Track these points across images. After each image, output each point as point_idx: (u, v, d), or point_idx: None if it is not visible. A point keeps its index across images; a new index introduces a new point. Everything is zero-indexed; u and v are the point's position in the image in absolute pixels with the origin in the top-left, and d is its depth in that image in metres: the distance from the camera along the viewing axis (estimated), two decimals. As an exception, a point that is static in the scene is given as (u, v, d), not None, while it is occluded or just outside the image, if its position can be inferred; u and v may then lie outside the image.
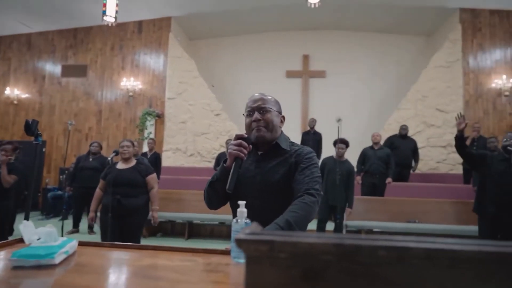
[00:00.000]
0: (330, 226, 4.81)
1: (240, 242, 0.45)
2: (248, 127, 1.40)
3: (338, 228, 4.56)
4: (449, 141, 7.60)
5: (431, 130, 7.76)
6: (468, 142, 6.62)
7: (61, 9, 8.00)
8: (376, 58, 9.18)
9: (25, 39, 9.24)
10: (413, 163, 6.68)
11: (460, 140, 3.39)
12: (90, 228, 5.76)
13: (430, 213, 5.44)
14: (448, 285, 0.42)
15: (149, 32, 8.78)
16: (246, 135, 1.32)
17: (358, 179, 5.64)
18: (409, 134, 7.85)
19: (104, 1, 5.51)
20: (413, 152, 6.61)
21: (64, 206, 5.12)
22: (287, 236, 0.45)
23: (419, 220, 5.41)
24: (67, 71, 8.97)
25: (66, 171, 5.80)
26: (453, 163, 7.58)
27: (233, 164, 1.25)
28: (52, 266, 0.77)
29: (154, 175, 3.54)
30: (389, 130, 7.57)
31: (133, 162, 3.47)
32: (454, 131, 7.98)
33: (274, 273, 0.45)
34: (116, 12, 5.61)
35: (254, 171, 1.36)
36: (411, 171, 6.77)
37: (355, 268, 0.44)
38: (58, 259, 0.79)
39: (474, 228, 3.92)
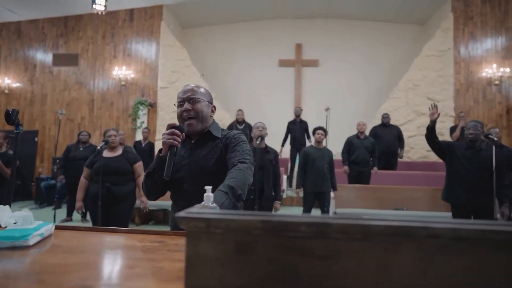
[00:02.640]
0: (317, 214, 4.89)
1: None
2: (180, 117, 1.46)
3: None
4: (439, 129, 7.67)
5: (422, 119, 7.83)
6: (458, 132, 6.71)
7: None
8: (370, 47, 9.18)
9: (15, 27, 9.12)
10: (399, 150, 6.74)
11: (432, 130, 3.52)
12: (83, 217, 5.82)
13: (418, 200, 5.55)
14: (362, 256, 0.48)
15: (141, 20, 8.70)
16: (178, 124, 1.39)
17: (346, 169, 5.69)
18: (400, 123, 7.94)
19: (93, -11, 5.46)
20: (398, 139, 6.67)
21: (56, 195, 5.15)
22: (222, 214, 0.50)
23: (408, 207, 5.52)
24: (58, 59, 8.89)
25: (57, 160, 5.81)
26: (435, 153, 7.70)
27: (168, 153, 1.32)
28: (27, 247, 0.83)
29: (141, 163, 3.62)
30: (380, 119, 7.62)
31: (119, 151, 3.52)
32: (445, 120, 8.07)
33: (211, 247, 0.50)
34: (106, 0, 5.56)
35: (188, 158, 1.45)
36: (399, 158, 6.83)
37: (281, 242, 0.49)
38: (32, 240, 0.84)
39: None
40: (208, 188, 0.96)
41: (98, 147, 3.47)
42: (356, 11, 8.90)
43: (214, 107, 1.57)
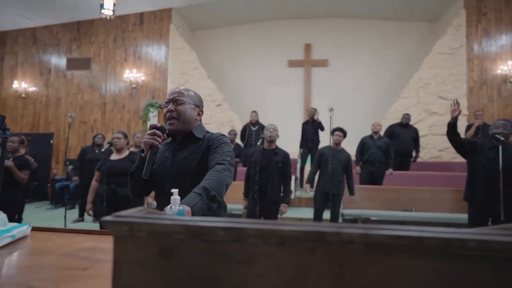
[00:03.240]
0: (328, 215, 4.83)
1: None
2: (164, 117, 1.51)
3: (334, 217, 4.61)
4: (451, 129, 7.52)
5: (434, 118, 7.68)
6: (473, 130, 6.55)
7: (63, 2, 8.10)
8: (379, 46, 9.06)
9: (31, 33, 9.41)
10: (414, 153, 6.61)
11: (453, 127, 3.38)
12: (95, 217, 5.97)
13: (427, 201, 5.43)
14: (279, 260, 0.48)
15: (150, 23, 8.83)
16: (160, 125, 1.43)
17: (357, 169, 5.63)
18: (411, 122, 7.81)
19: (102, -6, 5.57)
20: (414, 141, 6.54)
21: (67, 196, 5.29)
22: (144, 218, 0.51)
23: (417, 208, 5.42)
24: (72, 64, 9.12)
25: (68, 162, 5.98)
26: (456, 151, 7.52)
27: (149, 152, 1.36)
28: (-5, 249, 0.86)
29: None
30: (391, 118, 7.52)
31: (126, 153, 3.60)
32: (458, 118, 7.89)
33: (135, 250, 0.52)
34: (114, 5, 5.67)
35: (171, 159, 1.48)
36: (412, 161, 6.72)
37: (201, 245, 0.50)
38: (1, 242, 0.88)
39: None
40: (175, 190, 0.98)
41: (103, 149, 3.57)
42: (365, 9, 8.80)
43: (201, 111, 1.59)
